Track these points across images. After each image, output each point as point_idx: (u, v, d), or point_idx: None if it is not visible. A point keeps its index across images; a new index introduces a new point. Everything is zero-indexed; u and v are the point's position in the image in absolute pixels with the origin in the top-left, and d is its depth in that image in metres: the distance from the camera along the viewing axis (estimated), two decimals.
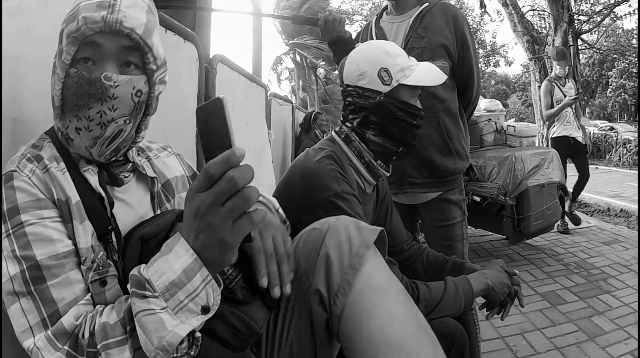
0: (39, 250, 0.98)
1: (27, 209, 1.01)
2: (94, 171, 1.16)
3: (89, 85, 1.04)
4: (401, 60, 1.65)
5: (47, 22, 1.29)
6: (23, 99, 1.25)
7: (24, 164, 1.07)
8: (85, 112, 1.06)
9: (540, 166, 4.38)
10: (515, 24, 16.70)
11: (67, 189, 1.09)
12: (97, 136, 1.09)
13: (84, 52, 1.06)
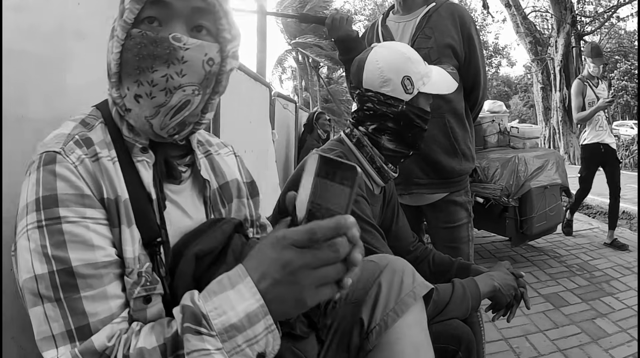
0: (75, 254, 0.86)
1: (68, 203, 0.88)
2: (149, 164, 1.05)
3: (154, 45, 0.94)
4: (421, 67, 1.68)
5: (51, 19, 1.30)
6: (28, 97, 1.23)
7: (71, 147, 0.94)
8: (148, 76, 0.94)
9: (543, 167, 4.38)
10: (518, 25, 16.74)
11: (117, 184, 0.97)
12: (161, 103, 0.97)
13: (149, 11, 0.95)
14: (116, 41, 0.96)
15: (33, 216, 0.86)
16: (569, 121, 15.87)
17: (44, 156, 0.91)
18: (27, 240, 0.86)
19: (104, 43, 1.51)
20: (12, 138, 1.15)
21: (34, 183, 0.88)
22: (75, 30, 1.39)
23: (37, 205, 0.86)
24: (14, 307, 1.15)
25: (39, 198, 0.87)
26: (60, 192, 0.88)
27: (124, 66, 0.96)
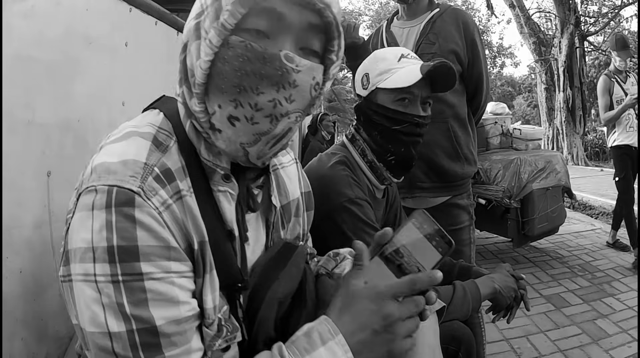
0: (159, 313, 0.75)
1: (152, 257, 0.75)
2: (232, 196, 0.93)
3: (262, 62, 0.78)
4: (384, 64, 1.66)
5: (59, 25, 1.32)
6: (35, 102, 1.24)
7: (151, 186, 0.78)
8: (252, 97, 0.79)
9: (545, 169, 4.39)
10: (522, 25, 16.72)
11: (201, 225, 0.84)
12: (263, 131, 0.83)
13: (255, 20, 0.79)
14: (207, 46, 0.78)
15: (105, 268, 0.73)
16: (572, 122, 15.86)
17: (115, 192, 0.75)
18: (97, 292, 0.73)
19: (112, 48, 1.55)
20: (20, 142, 1.18)
21: (103, 226, 0.73)
22: (83, 36, 1.41)
23: (111, 256, 0.73)
24: (23, 310, 1.17)
25: (112, 246, 0.73)
26: (142, 244, 0.75)
27: (216, 78, 0.80)
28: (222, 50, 0.78)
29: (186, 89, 0.85)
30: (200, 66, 0.79)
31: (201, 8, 0.81)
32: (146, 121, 0.89)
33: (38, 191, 1.24)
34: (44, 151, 1.26)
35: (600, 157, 17.36)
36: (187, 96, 0.85)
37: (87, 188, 0.77)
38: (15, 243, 1.16)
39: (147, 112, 0.95)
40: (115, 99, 1.57)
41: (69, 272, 0.77)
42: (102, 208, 0.74)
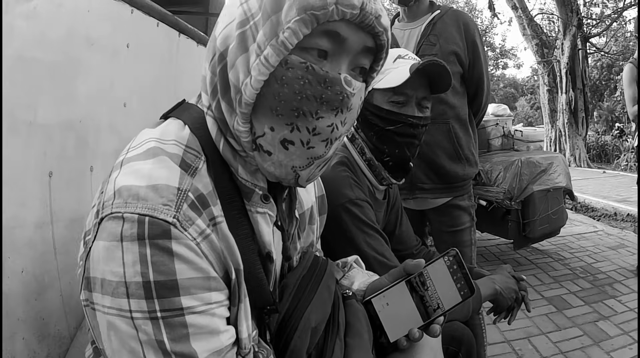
0: (201, 346, 0.72)
1: (193, 290, 0.71)
2: (270, 216, 0.89)
3: (324, 86, 0.76)
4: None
5: (61, 26, 1.32)
6: (38, 102, 1.24)
7: (187, 215, 0.73)
8: (311, 122, 0.77)
9: (546, 170, 4.39)
10: (525, 27, 16.70)
11: (236, 252, 0.80)
12: (318, 156, 0.81)
13: (319, 41, 0.76)
14: (262, 64, 0.73)
15: (142, 304, 0.68)
16: (574, 124, 15.83)
17: (148, 223, 0.69)
18: (134, 328, 0.69)
19: (114, 49, 1.55)
20: (22, 142, 1.18)
21: (137, 260, 0.68)
22: (85, 37, 1.41)
23: (148, 291, 0.68)
24: (24, 309, 1.18)
25: (149, 281, 0.68)
26: (181, 277, 0.70)
27: (269, 99, 0.76)
28: (279, 69, 0.74)
29: (226, 104, 0.80)
30: (251, 84, 0.74)
31: (244, 15, 0.76)
32: (171, 137, 0.82)
33: (39, 192, 1.25)
34: (45, 152, 1.26)
35: (603, 159, 17.31)
36: (227, 112, 0.80)
37: (112, 213, 0.71)
38: (17, 243, 1.16)
39: (170, 121, 0.87)
40: (117, 100, 1.57)
41: (92, 300, 0.72)
42: (133, 240, 0.69)
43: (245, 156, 0.83)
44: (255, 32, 0.74)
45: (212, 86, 0.81)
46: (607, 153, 17.33)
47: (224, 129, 0.83)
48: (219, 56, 0.79)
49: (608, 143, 18.05)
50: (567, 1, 15.20)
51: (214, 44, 0.81)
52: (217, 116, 0.83)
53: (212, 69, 0.81)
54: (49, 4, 1.27)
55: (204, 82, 0.86)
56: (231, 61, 0.77)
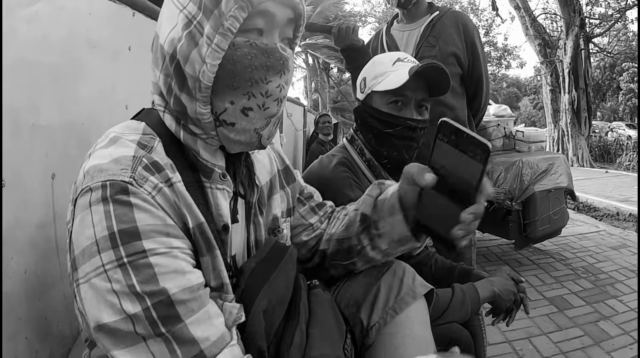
0: (170, 283, 0.79)
1: (152, 234, 0.80)
2: (228, 192, 1.01)
3: (266, 56, 0.90)
4: (380, 68, 1.68)
5: (62, 29, 1.33)
6: (40, 105, 1.25)
7: (141, 174, 0.84)
8: (263, 87, 0.91)
9: (547, 171, 4.39)
10: (527, 27, 16.70)
11: (195, 210, 0.90)
12: (273, 114, 0.95)
13: (254, 21, 0.89)
14: (214, 51, 0.86)
15: (110, 254, 0.77)
16: (577, 124, 15.83)
17: (109, 185, 0.80)
18: (108, 281, 0.76)
19: (115, 52, 1.56)
20: (24, 144, 1.19)
21: (102, 217, 0.78)
22: (86, 39, 1.42)
23: (114, 241, 0.77)
24: (27, 309, 1.19)
25: (113, 232, 0.77)
26: (141, 224, 0.79)
27: (225, 79, 0.89)
28: (228, 52, 0.87)
29: (186, 96, 0.90)
30: (208, 70, 0.86)
31: (187, 19, 0.88)
32: (130, 130, 0.95)
33: (42, 192, 1.26)
34: (47, 153, 1.27)
35: (605, 159, 17.29)
36: (188, 101, 0.91)
37: (82, 190, 0.82)
38: (20, 243, 1.17)
39: (129, 121, 1.00)
40: (118, 102, 1.59)
41: (77, 276, 0.80)
42: (98, 202, 0.79)
43: (206, 138, 0.96)
44: (200, 29, 0.86)
45: (167, 86, 0.93)
46: (610, 153, 17.29)
47: (183, 120, 0.95)
48: (170, 57, 0.89)
49: (610, 143, 18.00)
50: (570, 1, 15.19)
51: (161, 51, 0.92)
52: (175, 109, 0.94)
53: (165, 71, 0.92)
54: (50, 7, 1.28)
55: (156, 86, 0.97)
56: (184, 57, 0.88)
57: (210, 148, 0.98)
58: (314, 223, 1.36)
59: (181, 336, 0.78)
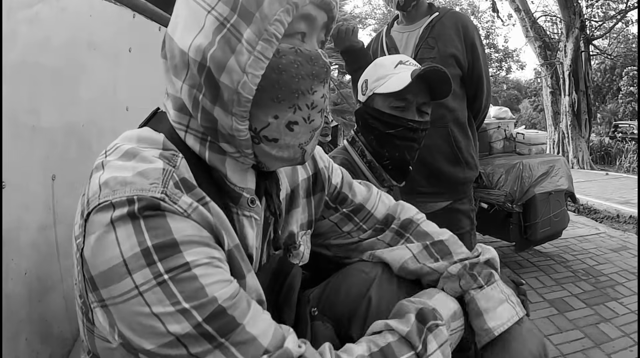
0: (219, 291, 0.71)
1: (193, 246, 0.72)
2: (256, 221, 0.93)
3: (312, 64, 0.83)
4: (382, 70, 1.69)
5: (63, 31, 1.34)
6: (41, 107, 1.25)
7: (174, 191, 0.74)
8: (309, 98, 0.83)
9: (548, 173, 4.38)
10: (528, 29, 16.69)
11: (231, 230, 0.83)
12: (317, 126, 0.88)
13: (298, 26, 0.82)
14: (257, 59, 0.76)
15: (145, 274, 0.68)
16: (578, 126, 15.81)
17: (137, 200, 0.70)
18: (145, 305, 0.68)
19: (116, 53, 1.57)
20: (25, 146, 1.19)
21: (132, 233, 0.69)
22: (87, 41, 1.43)
23: (149, 257, 0.68)
24: (28, 310, 1.19)
25: (147, 247, 0.68)
26: (179, 234, 0.71)
27: (269, 90, 0.80)
28: (273, 60, 0.78)
29: (219, 109, 0.80)
30: (249, 80, 0.77)
31: (217, 21, 0.77)
32: (147, 143, 0.84)
33: (43, 195, 1.26)
34: (48, 155, 1.27)
35: (606, 161, 17.27)
36: (221, 116, 0.80)
37: (100, 204, 0.72)
38: (21, 245, 1.18)
39: (145, 129, 0.90)
40: (119, 104, 1.59)
41: (101, 297, 0.71)
42: (125, 218, 0.70)
43: (238, 156, 0.86)
44: (237, 33, 0.76)
45: (193, 99, 0.82)
46: (610, 155, 17.28)
47: (212, 137, 0.85)
48: (198, 65, 0.79)
49: (611, 145, 18.00)
50: (570, 3, 15.19)
51: (182, 57, 0.81)
52: (204, 124, 0.83)
53: (191, 81, 0.81)
54: (51, 9, 1.28)
55: (175, 100, 0.88)
56: (218, 66, 0.77)
57: (240, 168, 0.90)
58: (349, 231, 1.28)
59: (241, 340, 0.71)
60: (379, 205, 1.32)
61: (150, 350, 0.68)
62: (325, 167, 1.25)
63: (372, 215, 1.30)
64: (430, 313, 0.92)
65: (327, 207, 1.27)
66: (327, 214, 1.27)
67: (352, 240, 1.28)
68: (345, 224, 1.28)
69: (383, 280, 1.17)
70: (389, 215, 1.31)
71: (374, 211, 1.30)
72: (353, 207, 1.28)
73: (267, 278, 0.97)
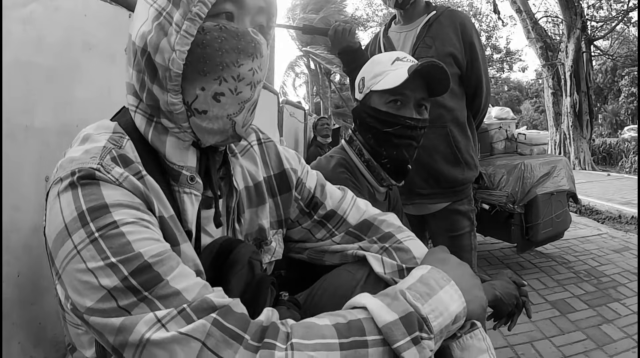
0: (145, 248, 0.76)
1: (122, 208, 0.78)
2: (196, 196, 0.97)
3: (237, 39, 0.89)
4: (379, 67, 1.66)
5: (58, 31, 1.32)
6: (35, 107, 1.24)
7: (108, 163, 0.83)
8: (234, 70, 0.89)
9: (549, 174, 4.37)
10: (529, 30, 16.71)
11: (166, 202, 0.89)
12: (247, 98, 0.93)
13: (224, 6, 0.89)
14: (183, 37, 0.85)
15: (81, 234, 0.75)
16: (579, 127, 15.82)
17: (77, 171, 0.79)
18: (82, 261, 0.74)
19: (111, 54, 1.55)
20: (18, 147, 1.18)
21: (70, 200, 0.77)
22: (82, 41, 1.41)
23: (83, 219, 0.75)
24: (21, 313, 1.17)
25: (82, 211, 0.76)
26: (110, 199, 0.78)
27: (195, 64, 0.87)
28: (198, 37, 0.86)
29: (157, 87, 0.89)
30: (177, 57, 0.85)
31: (156, 11, 0.88)
32: (101, 129, 0.94)
33: (36, 196, 1.24)
34: (41, 156, 1.26)
35: (607, 162, 17.27)
36: (159, 93, 0.89)
37: (54, 181, 0.82)
38: (14, 247, 1.16)
39: (102, 121, 0.99)
40: (114, 105, 1.54)
41: (56, 270, 0.78)
42: (66, 188, 0.78)
43: (178, 132, 0.94)
44: (169, 18, 0.86)
45: (140, 81, 0.92)
46: (612, 156, 17.27)
47: (156, 116, 0.94)
48: (141, 51, 0.89)
49: (612, 146, 17.98)
50: (571, 4, 15.20)
51: (133, 47, 0.91)
52: (148, 104, 0.93)
53: (137, 66, 0.91)
54: (45, 8, 1.27)
55: (129, 86, 0.97)
56: (154, 47, 0.87)
57: (181, 146, 0.96)
58: (321, 238, 1.29)
59: (166, 293, 0.74)
60: (353, 210, 1.31)
61: (90, 306, 0.73)
62: (293, 169, 1.26)
63: (344, 221, 1.29)
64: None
65: (301, 213, 1.28)
66: (301, 221, 1.29)
67: (324, 244, 1.28)
68: (318, 231, 1.29)
69: (369, 282, 1.14)
70: (366, 222, 1.29)
71: (347, 217, 1.29)
72: (325, 212, 1.28)
73: (211, 255, 0.99)
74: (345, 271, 1.19)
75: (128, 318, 0.72)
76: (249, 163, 1.18)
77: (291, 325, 0.80)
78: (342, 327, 0.81)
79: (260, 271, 1.04)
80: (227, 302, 0.77)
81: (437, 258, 1.07)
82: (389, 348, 0.80)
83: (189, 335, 0.71)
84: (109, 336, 0.73)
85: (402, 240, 1.22)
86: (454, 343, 1.00)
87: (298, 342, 0.76)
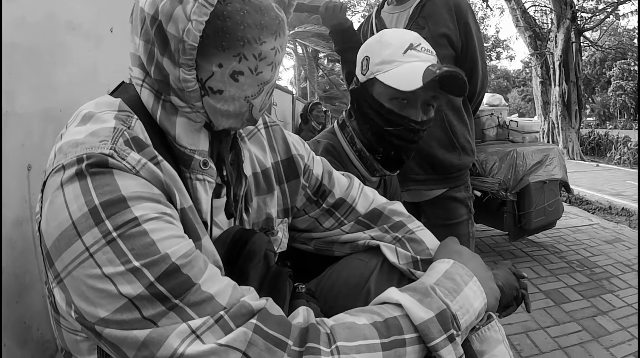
0: (172, 247, 0.69)
1: (142, 201, 0.70)
2: (210, 183, 0.90)
3: (260, 13, 0.79)
4: (388, 52, 1.51)
5: (41, 9, 1.27)
6: (15, 90, 1.18)
7: (123, 148, 0.74)
8: (256, 48, 0.80)
9: (542, 162, 4.35)
10: (518, 19, 16.72)
11: (184, 191, 0.82)
12: (266, 80, 0.85)
13: None
14: (201, 5, 0.74)
15: (94, 233, 0.66)
16: (568, 116, 15.90)
17: (86, 158, 0.70)
18: (96, 266, 0.66)
19: (97, 34, 1.49)
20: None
21: (78, 194, 0.68)
22: (66, 21, 1.36)
23: (96, 216, 0.67)
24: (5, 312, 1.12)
25: (95, 206, 0.67)
26: (127, 191, 0.69)
27: (213, 38, 0.77)
28: (217, 7, 0.75)
29: (168, 61, 0.79)
30: (193, 27, 0.74)
31: None
32: (104, 106, 0.83)
33: (18, 186, 1.19)
34: (23, 143, 1.20)
35: (596, 152, 17.38)
36: (170, 68, 0.79)
37: (53, 169, 0.72)
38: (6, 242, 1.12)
39: (103, 97, 0.89)
40: (101, 87, 1.50)
41: (55, 273, 0.70)
42: (72, 178, 0.69)
43: (189, 112, 0.85)
44: None
45: (148, 53, 0.81)
46: (601, 146, 17.39)
47: (165, 93, 0.84)
48: (151, 19, 0.78)
49: (602, 137, 18.10)
50: None
51: (141, 15, 0.80)
52: (157, 78, 0.83)
53: (145, 36, 0.81)
54: None
55: (134, 57, 0.87)
56: (166, 16, 0.76)
57: (192, 127, 0.87)
58: (329, 227, 1.25)
59: (199, 299, 0.68)
60: (361, 198, 1.27)
61: (104, 317, 0.66)
62: (300, 155, 1.20)
63: (353, 209, 1.25)
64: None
65: (309, 201, 1.23)
66: (308, 210, 1.24)
67: (333, 234, 1.25)
68: (326, 219, 1.25)
69: (383, 270, 1.13)
70: (376, 210, 1.26)
71: (355, 205, 1.25)
72: (334, 201, 1.24)
73: (224, 247, 0.93)
74: (357, 260, 1.17)
75: (155, 331, 0.65)
76: (256, 148, 1.11)
77: (331, 326, 0.77)
78: (380, 326, 0.79)
79: (274, 263, 1.02)
80: (263, 304, 0.73)
81: (452, 250, 1.06)
82: (424, 346, 0.80)
83: (229, 345, 0.66)
84: (128, 351, 0.66)
85: (414, 230, 1.19)
86: (474, 336, 1.00)
87: (343, 345, 0.73)
